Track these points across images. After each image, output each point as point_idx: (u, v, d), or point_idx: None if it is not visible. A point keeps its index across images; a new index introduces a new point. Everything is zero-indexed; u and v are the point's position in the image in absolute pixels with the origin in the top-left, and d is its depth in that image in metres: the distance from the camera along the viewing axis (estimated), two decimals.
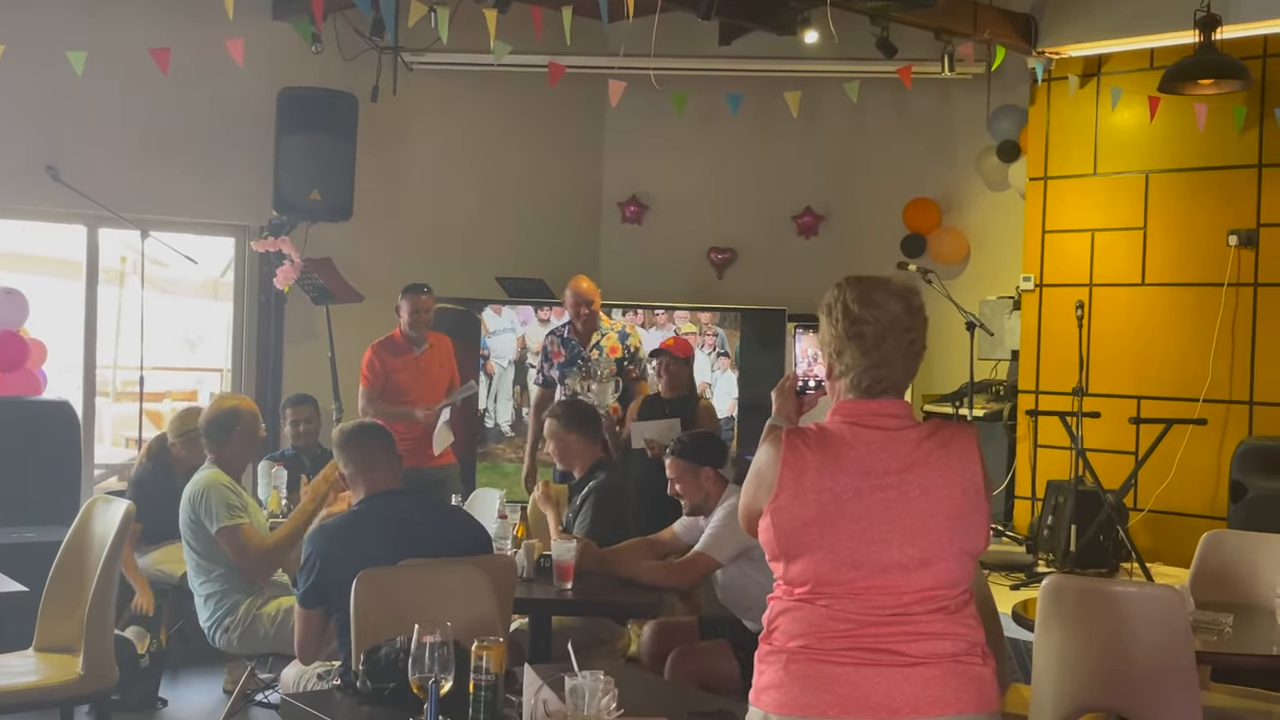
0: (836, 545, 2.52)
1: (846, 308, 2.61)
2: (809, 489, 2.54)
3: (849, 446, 2.56)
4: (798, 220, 8.91)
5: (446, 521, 4.12)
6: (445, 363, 6.99)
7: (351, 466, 4.07)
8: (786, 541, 2.55)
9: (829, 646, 2.51)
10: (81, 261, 7.50)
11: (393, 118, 7.92)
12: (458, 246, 8.30)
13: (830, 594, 2.53)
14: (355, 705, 3.00)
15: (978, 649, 2.57)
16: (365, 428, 4.21)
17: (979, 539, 2.60)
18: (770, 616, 2.61)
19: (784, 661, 2.53)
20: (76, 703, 4.52)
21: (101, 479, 7.83)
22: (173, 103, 7.21)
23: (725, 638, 4.63)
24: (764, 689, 2.55)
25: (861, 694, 2.48)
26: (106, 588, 4.50)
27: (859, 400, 2.61)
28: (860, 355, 2.59)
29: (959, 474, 2.58)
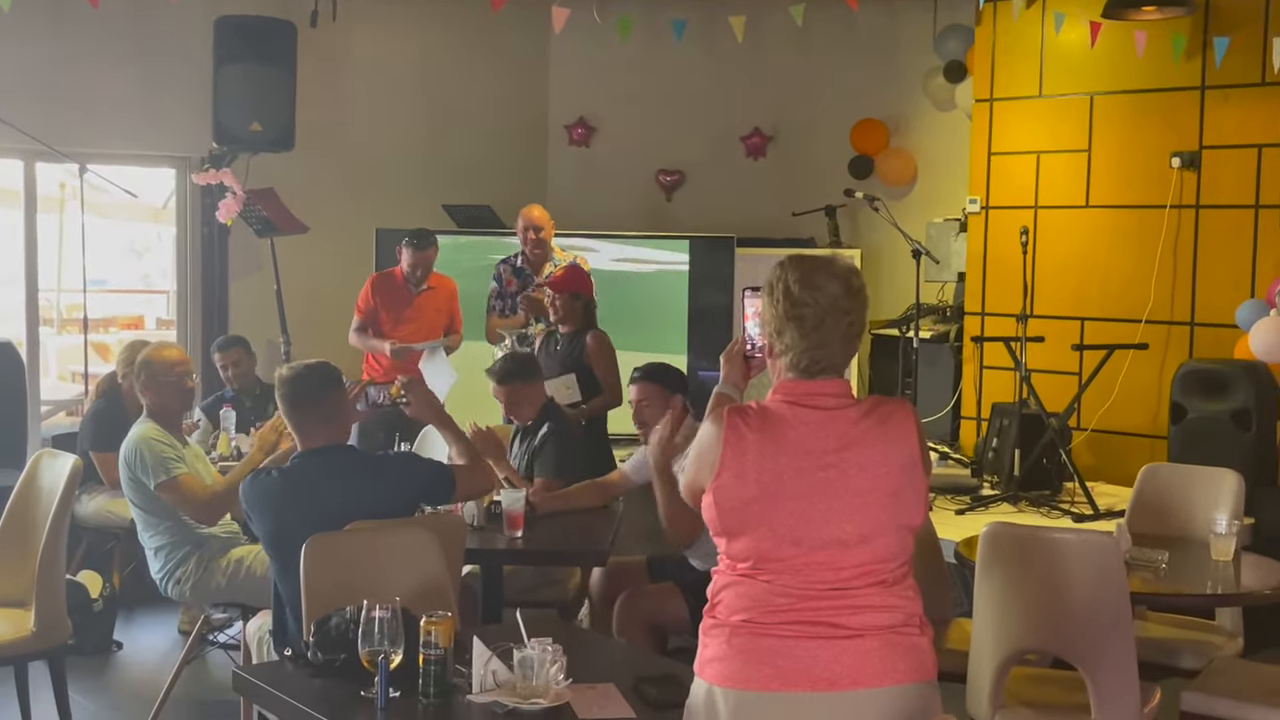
0: (777, 523, 2.57)
1: (787, 289, 2.63)
2: (750, 468, 2.58)
3: (789, 426, 2.60)
4: (745, 141, 8.88)
5: (386, 476, 3.97)
6: (443, 306, 6.96)
7: (288, 417, 3.96)
8: (729, 519, 2.60)
9: (770, 620, 2.56)
10: (17, 189, 7.38)
11: (333, 44, 7.79)
12: (403, 175, 8.22)
13: (771, 569, 2.58)
14: (307, 678, 3.03)
15: (915, 619, 2.64)
16: (304, 375, 3.97)
17: (917, 514, 2.65)
18: (714, 590, 2.66)
19: (727, 635, 2.58)
20: (30, 658, 4.53)
21: (49, 415, 7.78)
22: (107, 34, 7.05)
23: (673, 579, 4.69)
24: (708, 661, 2.61)
25: (802, 666, 2.54)
26: (56, 542, 4.50)
27: (798, 380, 2.64)
28: (799, 337, 2.62)
29: (897, 451, 2.62)
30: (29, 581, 4.51)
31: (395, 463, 4.23)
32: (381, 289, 6.91)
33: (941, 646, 4.11)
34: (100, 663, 5.65)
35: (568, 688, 2.87)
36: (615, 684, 3.00)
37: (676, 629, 4.67)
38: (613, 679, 3.03)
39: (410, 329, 6.86)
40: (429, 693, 2.86)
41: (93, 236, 7.11)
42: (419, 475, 4.06)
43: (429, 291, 6.92)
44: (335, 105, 7.97)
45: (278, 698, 2.97)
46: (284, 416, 4.00)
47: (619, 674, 3.07)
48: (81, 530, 6.07)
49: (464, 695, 2.87)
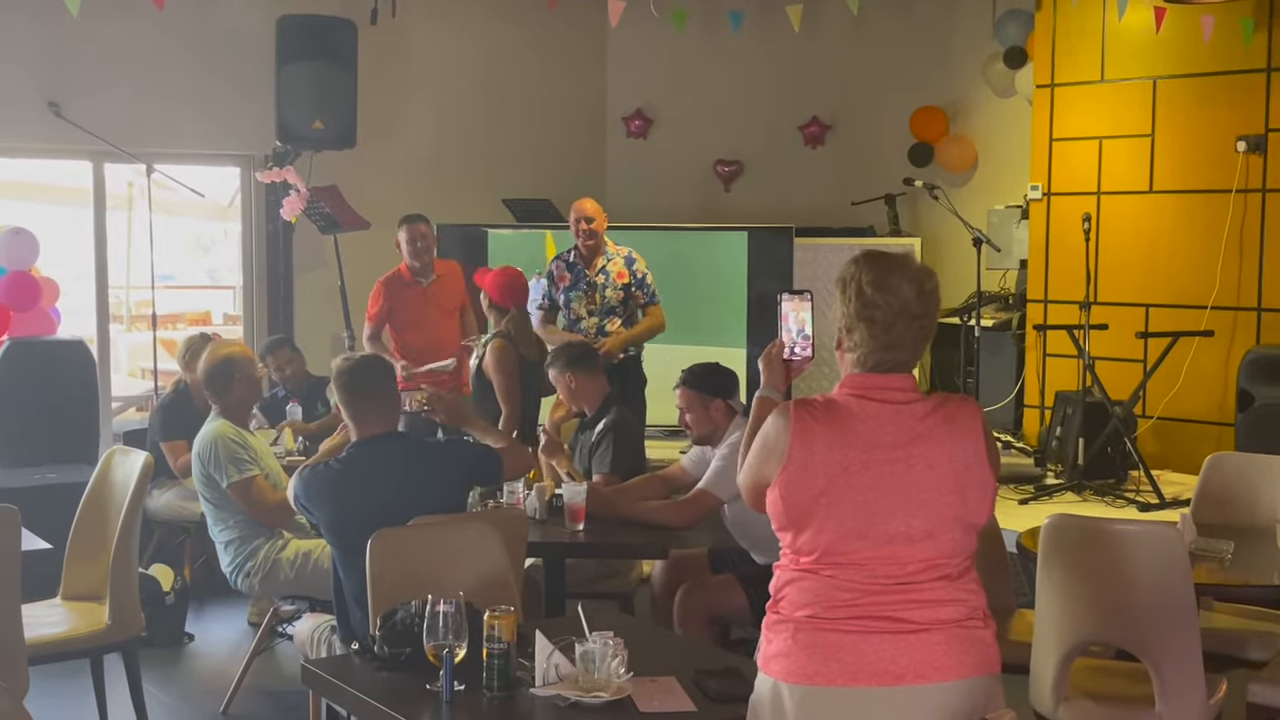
0: (843, 516, 2.58)
1: (860, 289, 2.63)
2: (818, 461, 2.58)
3: (856, 419, 2.61)
4: (804, 130, 8.86)
5: (439, 460, 4.08)
6: (454, 293, 6.95)
7: (345, 408, 4.04)
8: (795, 513, 2.60)
9: (835, 615, 2.57)
10: (87, 189, 7.53)
11: (393, 41, 7.86)
12: (462, 169, 8.28)
13: (836, 564, 2.59)
14: (373, 671, 3.08)
15: (979, 613, 2.64)
16: (361, 367, 4.09)
17: (982, 512, 2.65)
18: (777, 586, 2.67)
19: (791, 630, 2.59)
20: (105, 651, 4.62)
21: (120, 411, 7.94)
22: (172, 36, 7.19)
23: (735, 571, 4.71)
24: (772, 657, 2.62)
25: (867, 661, 2.55)
26: (129, 537, 4.58)
27: (866, 374, 2.65)
28: (869, 337, 2.62)
29: (963, 448, 2.62)
30: (103, 575, 4.61)
31: (445, 447, 4.40)
32: (391, 289, 6.84)
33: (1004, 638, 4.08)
34: (172, 654, 5.76)
35: (629, 681, 2.90)
36: (676, 677, 3.03)
37: (738, 621, 4.69)
38: (674, 672, 3.05)
39: (426, 323, 6.82)
40: (493, 686, 2.90)
41: (160, 234, 7.25)
42: (468, 457, 4.19)
43: (438, 281, 6.87)
44: (395, 102, 8.05)
45: (345, 691, 3.03)
46: (341, 406, 4.07)
47: (680, 667, 3.09)
48: (153, 524, 6.19)
49: (527, 688, 2.90)
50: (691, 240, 8.06)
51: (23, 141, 7.12)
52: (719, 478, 4.64)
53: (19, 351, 6.60)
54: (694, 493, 4.71)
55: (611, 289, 6.58)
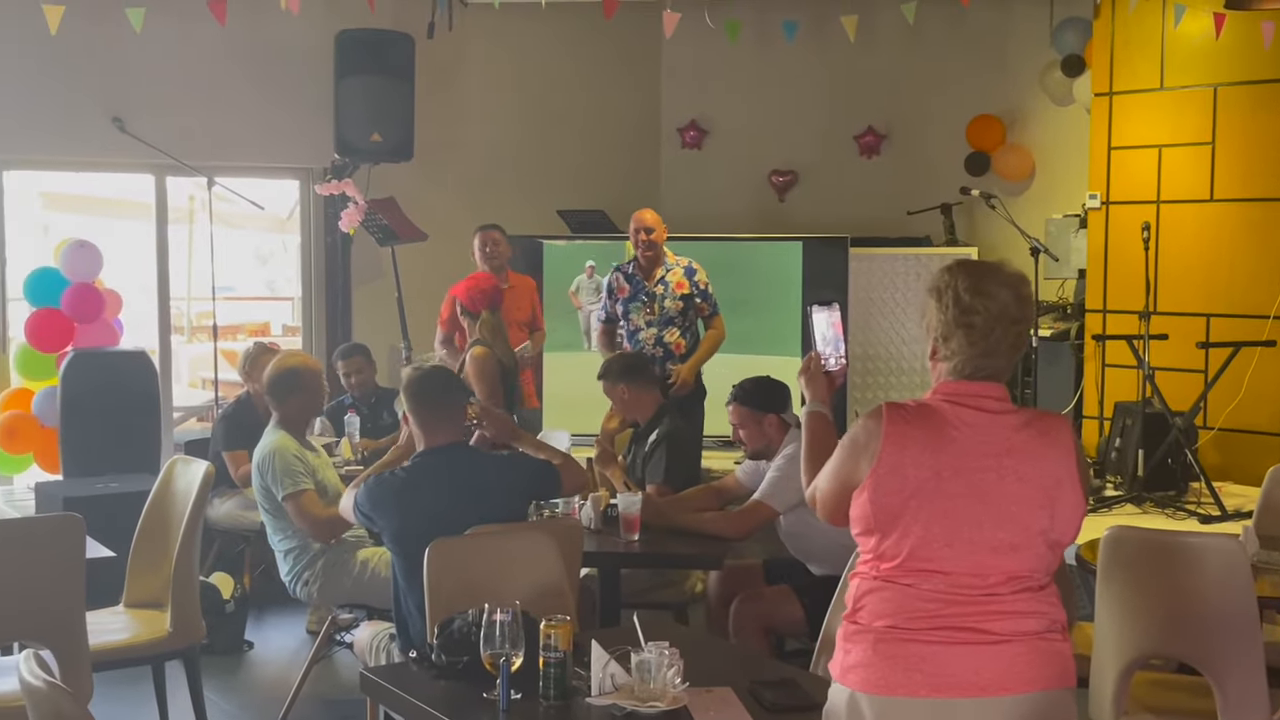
0: (932, 522, 2.56)
1: (958, 295, 2.62)
2: (909, 464, 2.57)
3: (950, 425, 2.59)
4: (859, 140, 8.84)
5: (502, 472, 4.13)
6: (523, 304, 6.99)
7: (413, 416, 4.10)
8: (882, 516, 2.58)
9: (917, 626, 2.55)
10: (149, 201, 7.64)
11: (449, 55, 7.93)
12: (518, 181, 8.33)
13: (919, 571, 2.57)
14: (431, 679, 3.11)
15: (1059, 625, 2.62)
16: (431, 377, 4.17)
17: (1069, 530, 2.63)
18: (856, 595, 2.65)
19: (871, 640, 2.57)
20: (166, 658, 4.69)
21: (180, 421, 8.04)
22: (233, 51, 7.28)
23: (790, 582, 4.70)
24: (851, 668, 2.59)
25: (950, 672, 2.53)
26: (190, 545, 4.65)
27: (960, 381, 2.64)
28: (967, 344, 2.61)
29: (1054, 464, 2.60)
30: (165, 583, 4.67)
31: (509, 460, 4.40)
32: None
33: None
34: (232, 662, 5.83)
35: (685, 691, 2.90)
36: (732, 688, 3.03)
37: (792, 633, 4.68)
38: (729, 683, 3.05)
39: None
40: (549, 695, 2.92)
41: (220, 247, 7.35)
42: (530, 471, 4.24)
43: (510, 290, 6.89)
44: (452, 114, 8.11)
45: (403, 698, 3.05)
46: (409, 414, 4.11)
47: (735, 677, 3.09)
48: (213, 533, 6.27)
49: (583, 697, 2.92)
50: (746, 250, 8.06)
51: (87, 156, 7.25)
52: (774, 489, 4.64)
53: (83, 362, 6.70)
54: (749, 504, 4.71)
55: (670, 299, 6.56)
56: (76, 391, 6.62)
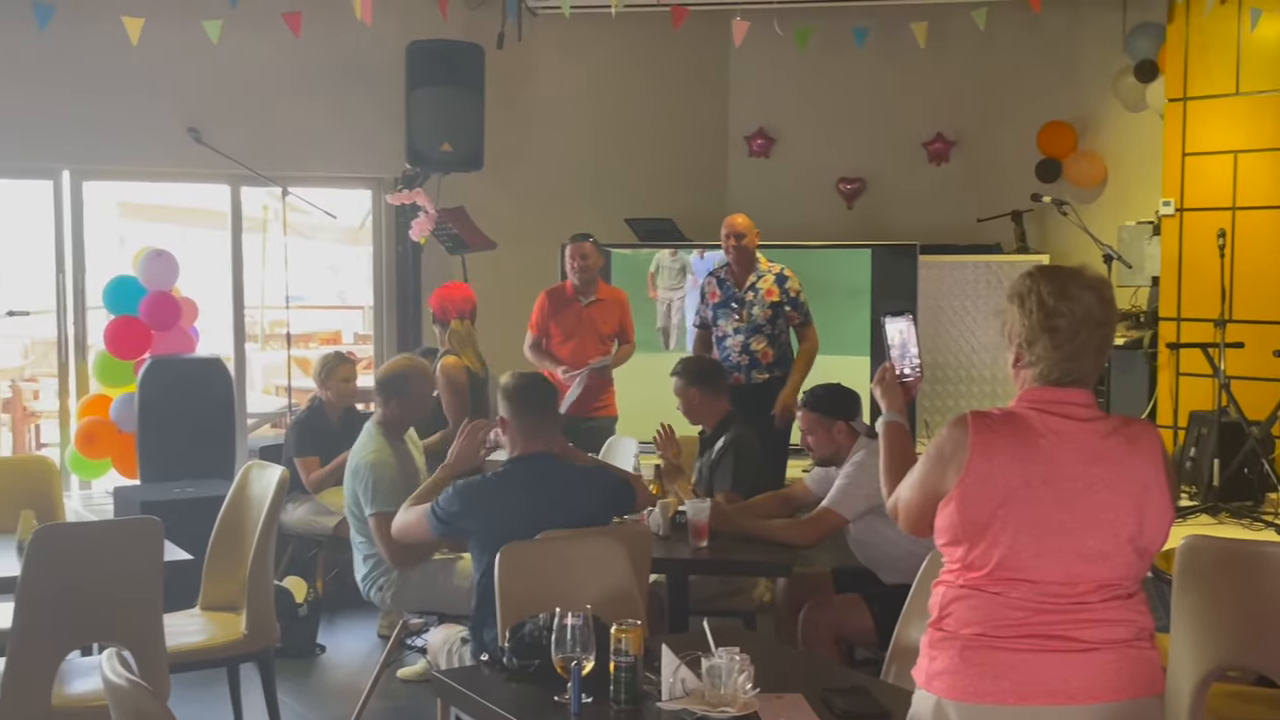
0: (1020, 530, 2.55)
1: (1041, 299, 2.60)
2: (998, 473, 2.55)
3: (1037, 434, 2.58)
4: (928, 147, 8.79)
5: (584, 483, 4.17)
6: (611, 319, 6.96)
7: (512, 421, 4.12)
8: (970, 526, 2.57)
9: (1005, 634, 2.54)
10: (224, 210, 7.77)
11: (519, 65, 7.99)
12: (587, 190, 8.37)
13: (1008, 579, 2.55)
14: (502, 682, 3.13)
15: (1147, 634, 2.61)
16: (531, 384, 4.21)
17: (1157, 539, 2.61)
18: (942, 603, 2.64)
19: (959, 648, 2.56)
20: (241, 660, 4.76)
21: (255, 427, 8.16)
22: (307, 62, 7.38)
23: (859, 590, 4.68)
24: (937, 674, 2.58)
25: (1038, 679, 2.52)
26: (265, 549, 4.72)
27: (1046, 388, 2.62)
28: (1053, 348, 2.60)
29: (1143, 471, 2.59)
30: (240, 587, 4.75)
31: (595, 472, 4.44)
32: (553, 302, 6.95)
33: None
34: (305, 665, 5.90)
35: (755, 697, 2.90)
36: (803, 695, 3.02)
37: (862, 642, 4.66)
38: (800, 689, 3.05)
39: (578, 342, 6.87)
40: (620, 699, 2.93)
41: (293, 256, 7.45)
42: (613, 484, 4.31)
43: (598, 303, 6.94)
44: (521, 124, 8.17)
45: (475, 701, 3.08)
46: (507, 419, 4.13)
47: (806, 684, 3.08)
48: (287, 537, 6.34)
49: (654, 702, 2.92)
50: (814, 258, 8.03)
51: (164, 166, 7.39)
52: (843, 496, 4.63)
53: (160, 369, 6.82)
54: (818, 511, 4.70)
55: (760, 307, 6.50)
56: (154, 397, 6.74)
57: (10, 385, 10.08)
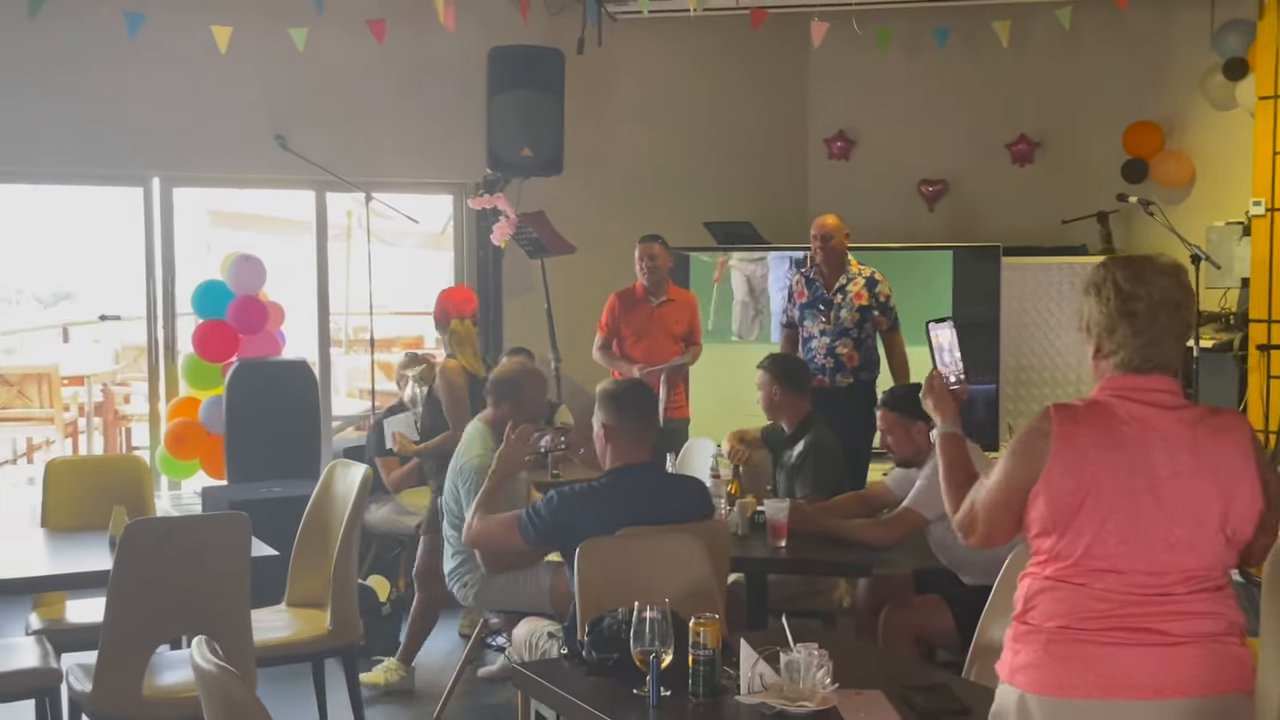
0: (1106, 519, 2.52)
1: (1118, 286, 2.58)
2: (1085, 463, 2.53)
3: (1121, 421, 2.55)
4: (1012, 148, 8.70)
5: (678, 493, 4.14)
6: (681, 319, 6.99)
7: (613, 429, 4.04)
8: (1058, 515, 2.54)
9: (1091, 626, 2.52)
10: (307, 219, 7.90)
11: (599, 69, 8.02)
12: (666, 193, 8.38)
13: (1093, 570, 2.53)
14: (582, 675, 3.15)
15: (1237, 629, 2.57)
16: (633, 391, 4.15)
17: (1246, 527, 2.57)
18: (1026, 596, 2.61)
19: (1043, 641, 2.54)
20: (326, 655, 4.83)
21: (339, 430, 8.27)
22: (390, 69, 7.49)
23: (940, 591, 4.64)
24: (1021, 668, 2.56)
25: (1125, 673, 2.49)
26: (349, 546, 4.78)
27: (1128, 375, 2.60)
28: (1132, 334, 2.57)
29: (1232, 460, 2.55)
30: (325, 584, 4.82)
31: (687, 481, 4.38)
32: (623, 303, 6.99)
33: None
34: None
35: (834, 692, 2.89)
36: (882, 692, 3.01)
37: (943, 643, 4.62)
38: (880, 687, 3.03)
39: (650, 342, 6.90)
40: (698, 692, 2.94)
41: (377, 262, 7.55)
42: (703, 491, 4.26)
43: (668, 304, 6.96)
44: (601, 128, 8.21)
45: (555, 693, 3.10)
46: (607, 427, 4.04)
47: (886, 682, 3.06)
48: (370, 536, 6.43)
49: (732, 695, 2.93)
50: (894, 260, 7.96)
51: (252, 173, 7.52)
52: (923, 497, 4.59)
53: (247, 372, 6.95)
54: (898, 511, 4.67)
55: (848, 310, 6.45)
56: (241, 400, 6.86)
57: (102, 389, 10.33)
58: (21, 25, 6.38)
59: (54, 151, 6.91)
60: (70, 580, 4.52)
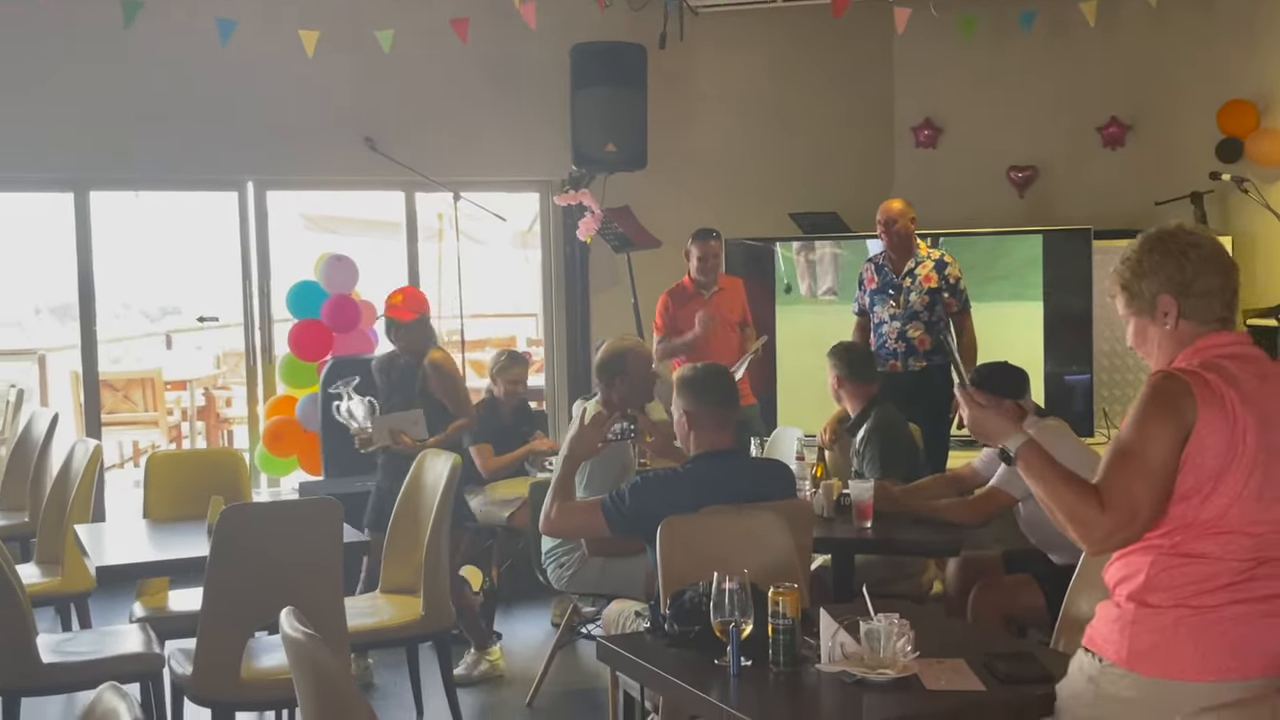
0: (1250, 479, 2.47)
1: (1195, 243, 2.59)
2: (1232, 420, 2.47)
3: (1238, 378, 2.52)
4: (1103, 131, 8.57)
5: (763, 477, 4.11)
6: (735, 305, 7.02)
7: (695, 414, 4.00)
8: (1203, 479, 2.47)
9: (1223, 599, 2.46)
10: (398, 220, 8.02)
11: (680, 64, 8.06)
12: (750, 186, 8.39)
13: (1224, 533, 2.47)
14: (664, 647, 3.18)
15: None
16: (714, 374, 4.09)
17: None
18: (1147, 572, 2.52)
19: (1171, 621, 2.48)
20: (419, 640, 4.92)
21: None
22: (474, 68, 7.59)
23: (1030, 571, 4.60)
24: (1145, 653, 2.49)
25: (1262, 648, 2.43)
26: (440, 534, 4.86)
27: (1217, 333, 2.58)
28: (1218, 286, 2.58)
29: None
30: (417, 571, 4.90)
31: (771, 465, 4.35)
32: (675, 300, 6.95)
33: None
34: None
35: (915, 660, 2.88)
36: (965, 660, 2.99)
37: (1033, 622, 4.58)
38: (963, 656, 3.01)
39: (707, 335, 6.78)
40: (779, 661, 2.95)
41: (467, 263, 7.64)
42: (788, 475, 4.24)
43: (720, 293, 6.93)
44: (684, 122, 8.24)
45: (638, 665, 3.13)
46: (687, 413, 4.01)
47: (969, 652, 3.05)
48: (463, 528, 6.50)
49: (813, 665, 2.93)
50: (983, 245, 7.91)
51: (342, 174, 7.67)
52: (1012, 475, 4.49)
53: (341, 369, 7.05)
54: (986, 490, 4.64)
55: (917, 293, 6.41)
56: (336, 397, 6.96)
57: (204, 393, 10.59)
58: (117, 34, 6.58)
59: (152, 157, 7.11)
60: (169, 566, 4.66)
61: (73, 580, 5.25)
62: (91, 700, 2.25)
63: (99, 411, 7.53)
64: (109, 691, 2.23)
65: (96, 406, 7.46)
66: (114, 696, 2.21)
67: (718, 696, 2.87)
